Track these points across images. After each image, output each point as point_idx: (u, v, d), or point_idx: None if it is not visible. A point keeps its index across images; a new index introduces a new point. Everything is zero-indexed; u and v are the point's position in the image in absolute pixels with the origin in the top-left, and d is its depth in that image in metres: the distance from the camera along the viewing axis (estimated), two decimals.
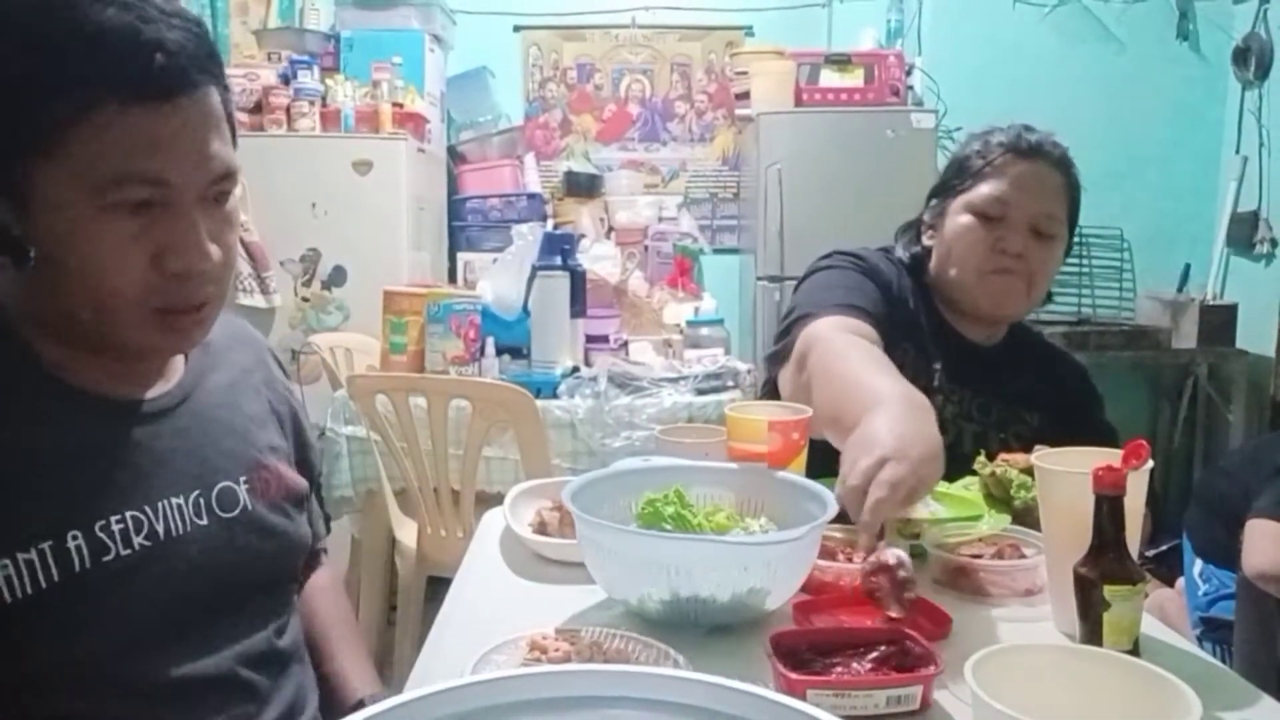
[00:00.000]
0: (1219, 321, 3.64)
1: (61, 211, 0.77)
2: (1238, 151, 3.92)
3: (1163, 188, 4.03)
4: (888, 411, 1.02)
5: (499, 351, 2.57)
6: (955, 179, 1.51)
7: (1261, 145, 3.82)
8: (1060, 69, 3.96)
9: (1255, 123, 3.85)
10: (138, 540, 0.84)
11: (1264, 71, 3.79)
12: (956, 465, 1.36)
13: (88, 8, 0.74)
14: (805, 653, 0.84)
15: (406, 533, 2.44)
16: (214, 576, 0.90)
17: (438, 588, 2.15)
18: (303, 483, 1.06)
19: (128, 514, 0.85)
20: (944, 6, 3.92)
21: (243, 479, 0.96)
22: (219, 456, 0.94)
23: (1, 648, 0.78)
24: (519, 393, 2.23)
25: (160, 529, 0.87)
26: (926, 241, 1.55)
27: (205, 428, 0.94)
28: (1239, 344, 3.66)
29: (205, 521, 0.91)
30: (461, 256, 3.67)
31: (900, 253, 1.58)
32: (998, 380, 1.51)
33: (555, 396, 2.44)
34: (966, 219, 1.46)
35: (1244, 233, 3.84)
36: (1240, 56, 3.88)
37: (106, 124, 0.75)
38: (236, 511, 0.94)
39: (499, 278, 2.73)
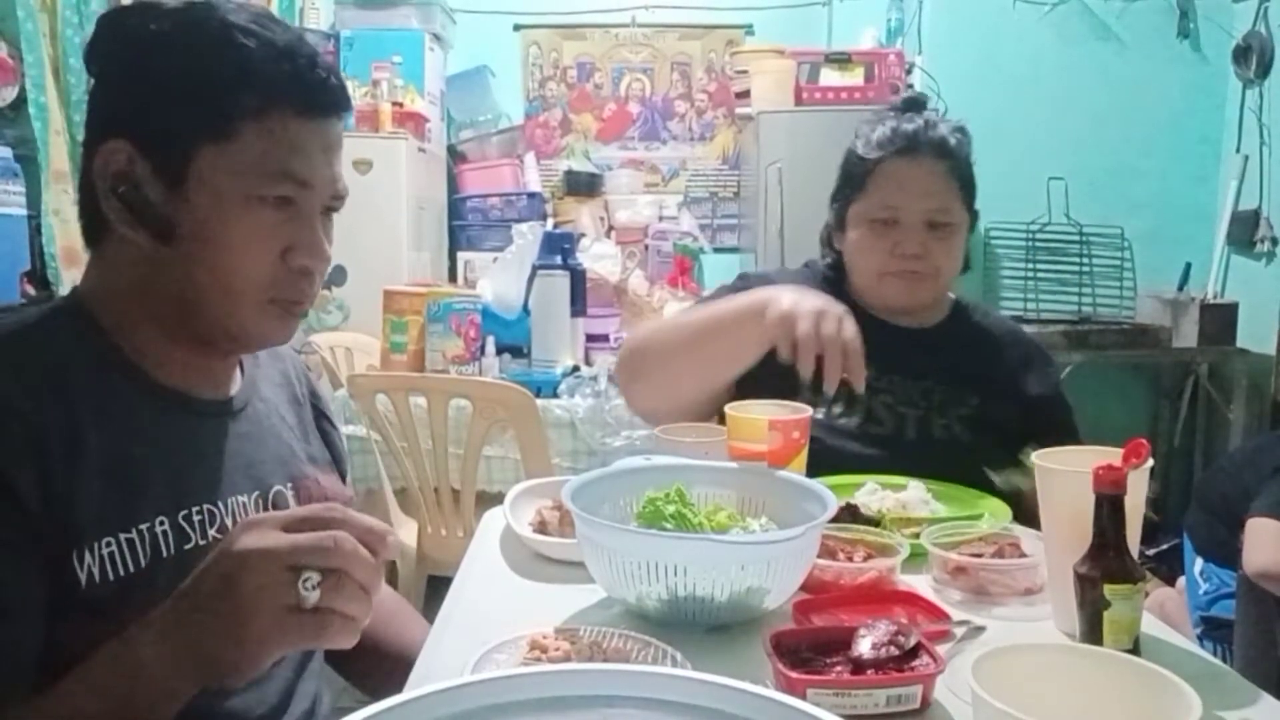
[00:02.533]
0: (1219, 320, 3.64)
1: (217, 196, 0.85)
2: (1238, 150, 3.92)
3: (1163, 186, 4.02)
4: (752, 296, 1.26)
5: (499, 351, 2.58)
6: (845, 186, 1.52)
7: (1262, 144, 3.81)
8: (1060, 68, 3.96)
9: (1256, 121, 3.84)
10: (211, 533, 0.88)
11: (1264, 70, 3.79)
12: (905, 453, 1.38)
13: (278, 27, 0.87)
14: (805, 652, 0.84)
15: (407, 532, 2.44)
16: None
17: (438, 587, 2.14)
18: (347, 491, 1.11)
19: (204, 507, 0.88)
20: (944, 5, 3.91)
21: (289, 485, 1.00)
22: (272, 461, 0.99)
23: (78, 631, 0.77)
24: (519, 392, 2.23)
25: (228, 524, 0.90)
26: (837, 245, 1.57)
27: (261, 433, 0.99)
28: (1239, 343, 3.65)
29: None
30: (462, 256, 3.67)
31: (819, 263, 1.62)
32: (937, 361, 1.49)
33: (555, 395, 2.44)
34: (861, 230, 1.49)
35: (1244, 231, 3.83)
36: (1241, 55, 3.87)
37: (277, 126, 0.86)
38: None
39: (499, 277, 2.73)
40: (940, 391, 1.48)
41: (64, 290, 3.24)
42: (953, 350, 1.52)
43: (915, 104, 1.55)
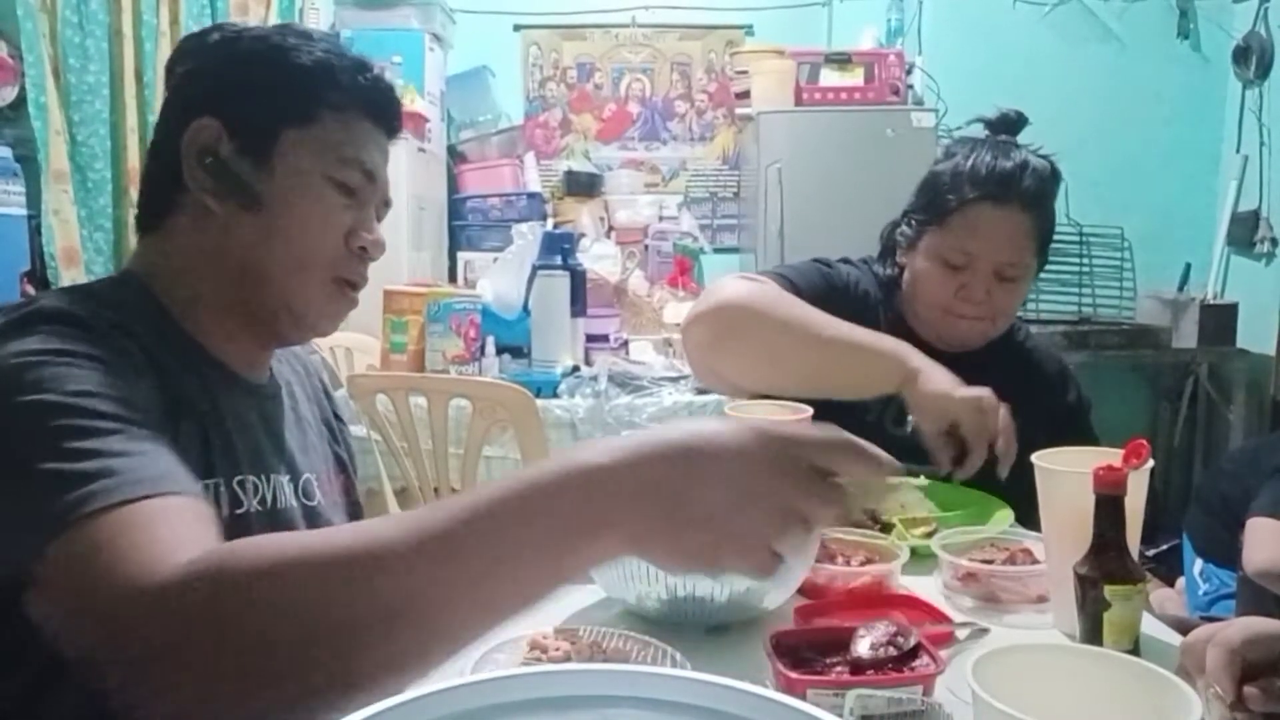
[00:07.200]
0: (1219, 321, 3.64)
1: (298, 173, 0.93)
2: (1238, 150, 3.92)
3: (1163, 187, 4.02)
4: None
5: (499, 351, 2.57)
6: (925, 212, 1.50)
7: (1262, 144, 3.82)
8: (1060, 68, 3.96)
9: (1255, 122, 3.85)
10: (254, 503, 0.91)
11: (1264, 70, 3.79)
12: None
13: (349, 49, 0.99)
14: (805, 652, 0.84)
15: None
16: None
17: None
18: (358, 500, 1.15)
19: (250, 477, 0.92)
20: (944, 6, 3.92)
21: (314, 475, 1.04)
22: (299, 449, 1.03)
23: None
24: (519, 392, 2.23)
25: (269, 497, 0.94)
26: (900, 259, 1.54)
27: (290, 421, 1.04)
28: (1239, 343, 3.66)
29: (295, 504, 0.98)
30: (462, 256, 3.67)
31: (877, 268, 1.59)
32: (980, 385, 1.43)
33: (555, 396, 2.44)
34: (930, 265, 1.47)
35: (1244, 232, 3.84)
36: (1240, 55, 3.88)
37: (353, 121, 0.96)
38: (314, 503, 1.02)
39: (499, 277, 2.73)
40: None
41: None
42: (989, 372, 1.45)
43: (1010, 123, 1.52)
